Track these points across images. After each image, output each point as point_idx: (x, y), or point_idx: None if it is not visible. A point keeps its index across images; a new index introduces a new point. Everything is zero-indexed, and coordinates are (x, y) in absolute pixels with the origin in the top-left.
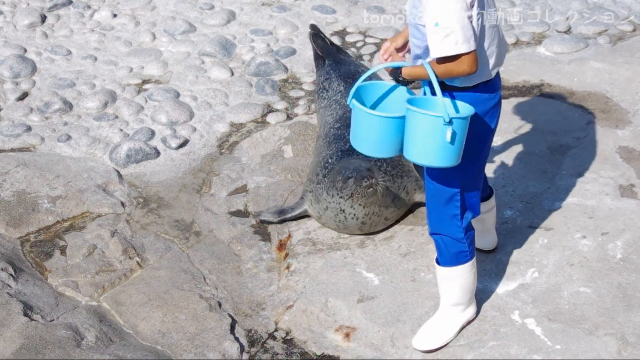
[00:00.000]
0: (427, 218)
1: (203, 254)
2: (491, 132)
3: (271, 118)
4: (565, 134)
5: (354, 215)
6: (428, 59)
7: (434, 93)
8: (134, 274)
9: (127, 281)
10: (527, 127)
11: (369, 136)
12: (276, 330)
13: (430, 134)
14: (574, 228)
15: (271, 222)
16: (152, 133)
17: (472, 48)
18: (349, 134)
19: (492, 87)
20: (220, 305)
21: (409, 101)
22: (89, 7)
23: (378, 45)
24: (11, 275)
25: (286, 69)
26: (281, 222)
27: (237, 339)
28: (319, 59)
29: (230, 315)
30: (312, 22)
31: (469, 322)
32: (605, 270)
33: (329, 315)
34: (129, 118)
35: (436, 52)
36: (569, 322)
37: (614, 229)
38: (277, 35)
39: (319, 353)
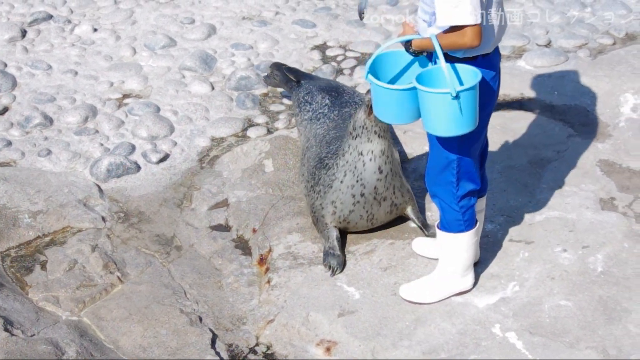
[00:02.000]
0: (425, 182)
1: (184, 269)
2: (488, 104)
3: (252, 132)
4: (546, 147)
5: (372, 153)
6: (433, 27)
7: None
8: (115, 289)
9: (107, 296)
10: (507, 140)
11: (387, 107)
12: (257, 344)
13: (441, 109)
14: (554, 241)
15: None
16: (133, 147)
17: (478, 21)
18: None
19: (490, 62)
20: (201, 319)
21: (418, 78)
22: (69, 21)
23: (358, 59)
24: None
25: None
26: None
27: (218, 353)
28: (290, 82)
29: (211, 330)
30: (293, 36)
31: (461, 293)
32: (586, 283)
33: (310, 329)
34: (109, 132)
35: (443, 21)
36: (550, 335)
37: (595, 242)
38: (257, 49)
39: None
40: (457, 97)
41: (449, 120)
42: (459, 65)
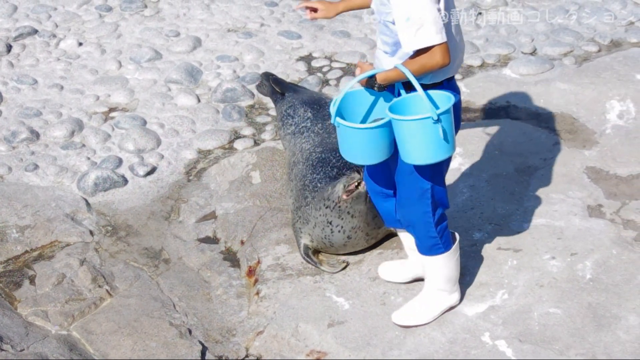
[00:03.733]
0: (398, 215)
1: (172, 281)
2: (456, 128)
3: (238, 144)
4: (532, 155)
5: (341, 227)
6: (398, 56)
7: (407, 91)
8: (104, 303)
9: (97, 310)
10: (493, 149)
11: (358, 147)
12: (247, 356)
13: (423, 136)
14: (542, 249)
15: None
16: (120, 161)
17: (445, 39)
18: (333, 157)
19: (455, 85)
20: (190, 332)
21: (391, 109)
22: (54, 36)
23: (344, 70)
24: None
25: (253, 95)
26: (308, 262)
27: None
28: (275, 94)
29: (200, 342)
30: (278, 47)
31: (451, 308)
32: (575, 290)
33: (299, 340)
34: (96, 146)
35: (410, 46)
36: (540, 343)
37: (583, 250)
38: (243, 61)
39: None
40: (438, 120)
41: (431, 146)
42: (429, 91)
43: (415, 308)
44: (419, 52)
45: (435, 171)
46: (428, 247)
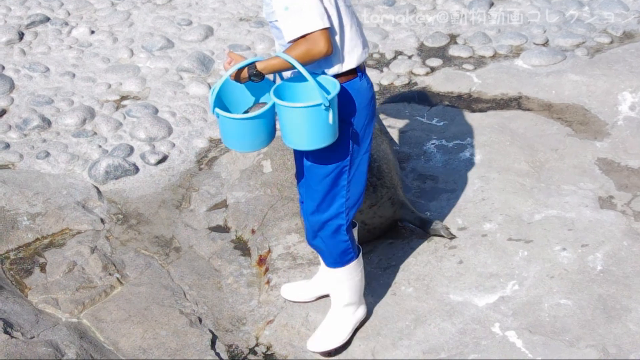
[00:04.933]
0: (305, 222)
1: (183, 270)
2: (371, 123)
3: None
4: (544, 146)
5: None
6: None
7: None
8: (114, 291)
9: (107, 298)
10: (505, 139)
11: (242, 137)
12: (257, 345)
13: (314, 122)
14: (553, 240)
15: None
16: (131, 149)
17: (326, 25)
18: None
19: (368, 78)
20: (200, 320)
21: (276, 94)
22: (66, 24)
23: None
24: None
25: None
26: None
27: (218, 354)
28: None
29: (210, 331)
30: None
31: (361, 322)
32: (586, 282)
33: (310, 329)
34: (107, 134)
35: (291, 35)
36: (550, 334)
37: (594, 241)
38: (255, 50)
39: None
40: (328, 107)
41: (321, 131)
42: (317, 77)
43: (327, 331)
44: (301, 38)
45: (351, 173)
46: (339, 256)
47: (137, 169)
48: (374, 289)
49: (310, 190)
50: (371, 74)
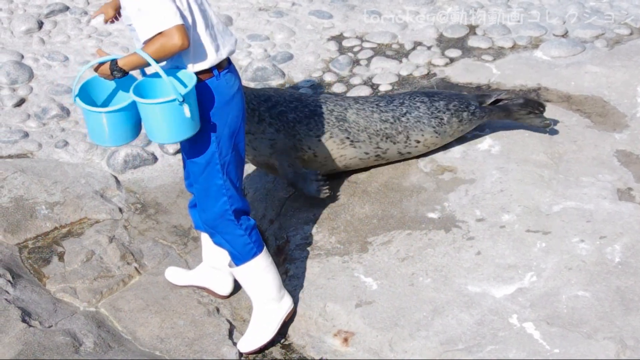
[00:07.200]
0: (201, 223)
1: (201, 260)
2: (237, 120)
3: None
4: (563, 137)
5: None
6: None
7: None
8: (132, 280)
9: (125, 287)
10: (524, 131)
11: (103, 129)
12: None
13: (170, 116)
14: (572, 232)
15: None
16: None
17: (179, 21)
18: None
19: (230, 77)
20: (218, 310)
21: (136, 92)
22: (85, 13)
23: (375, 50)
24: (9, 281)
25: (283, 74)
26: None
27: (235, 344)
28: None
29: (228, 321)
30: (309, 27)
31: (289, 316)
32: (604, 274)
33: (327, 319)
34: None
35: (146, 34)
36: (568, 325)
37: (612, 233)
38: (274, 40)
39: (317, 358)
40: (182, 101)
41: (180, 124)
42: (175, 72)
43: (254, 331)
44: (156, 36)
45: (227, 168)
46: (240, 252)
47: (155, 159)
48: (392, 279)
49: (195, 189)
50: (390, 64)
